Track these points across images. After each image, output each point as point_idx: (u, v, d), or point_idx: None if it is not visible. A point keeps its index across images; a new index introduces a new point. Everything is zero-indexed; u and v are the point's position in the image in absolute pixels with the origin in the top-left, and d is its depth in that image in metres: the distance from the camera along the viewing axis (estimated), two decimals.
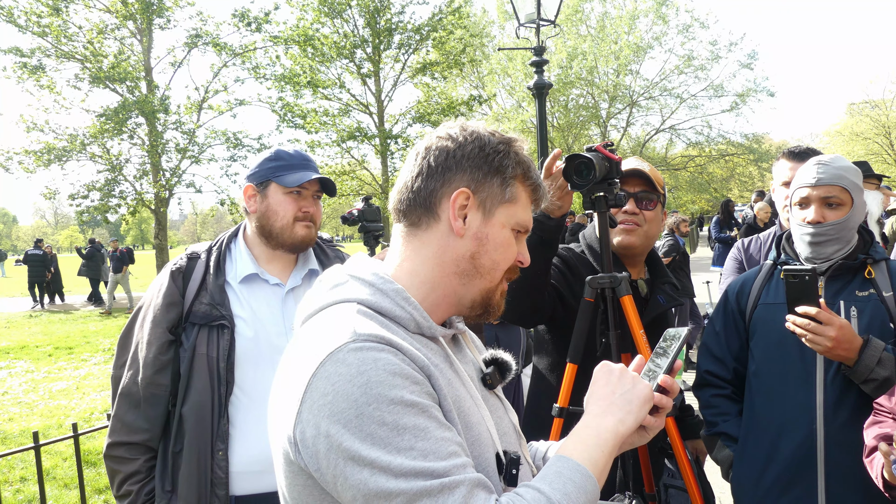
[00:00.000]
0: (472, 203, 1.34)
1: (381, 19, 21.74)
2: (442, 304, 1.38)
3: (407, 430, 1.09)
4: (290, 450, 1.17)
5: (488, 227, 1.35)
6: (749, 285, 2.67)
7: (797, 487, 2.41)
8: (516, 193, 1.38)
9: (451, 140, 1.35)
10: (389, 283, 1.31)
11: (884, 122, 44.87)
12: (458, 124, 1.39)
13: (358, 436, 1.08)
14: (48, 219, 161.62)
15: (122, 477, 2.35)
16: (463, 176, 1.33)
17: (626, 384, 1.37)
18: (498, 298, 1.43)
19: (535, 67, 10.14)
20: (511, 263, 1.41)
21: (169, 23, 20.94)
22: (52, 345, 14.17)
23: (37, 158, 20.12)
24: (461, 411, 1.25)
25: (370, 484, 1.07)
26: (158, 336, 2.35)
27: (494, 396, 1.47)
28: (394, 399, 1.10)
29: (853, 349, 2.23)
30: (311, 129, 22.07)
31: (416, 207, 1.35)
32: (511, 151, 1.38)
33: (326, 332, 1.21)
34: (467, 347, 1.51)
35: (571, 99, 37.09)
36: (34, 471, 4.79)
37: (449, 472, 1.09)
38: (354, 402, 1.09)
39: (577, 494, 1.17)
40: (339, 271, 1.38)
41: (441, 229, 1.34)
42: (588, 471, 1.22)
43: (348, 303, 1.28)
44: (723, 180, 42.47)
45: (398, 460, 1.07)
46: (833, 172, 2.41)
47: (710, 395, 2.73)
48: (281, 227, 2.42)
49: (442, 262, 1.35)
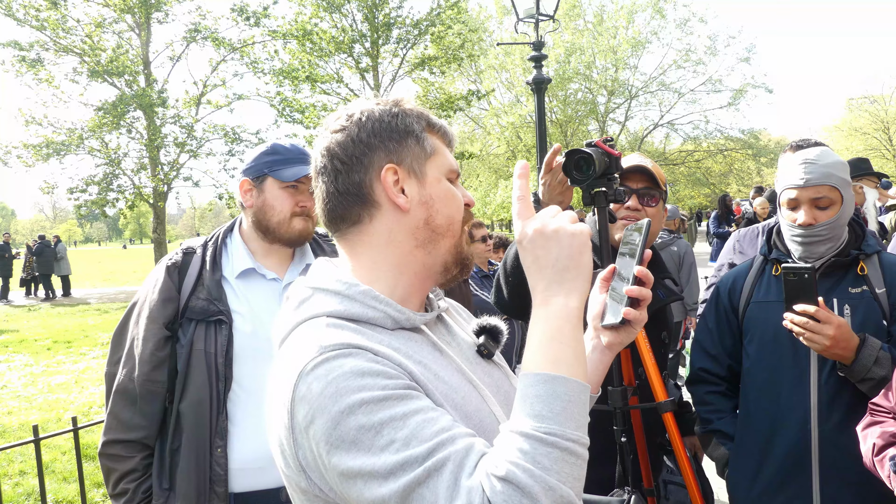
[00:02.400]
0: (402, 174, 1.29)
1: (379, 14, 21.67)
2: (415, 283, 1.33)
3: (384, 424, 1.04)
4: (301, 478, 1.15)
5: (428, 188, 1.31)
6: (741, 282, 2.65)
7: (792, 486, 2.41)
8: (434, 144, 1.34)
9: (346, 130, 1.30)
10: (355, 287, 1.25)
11: (882, 117, 44.87)
12: (340, 114, 1.35)
13: (342, 447, 1.05)
14: (47, 213, 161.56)
15: (119, 475, 2.33)
16: (379, 154, 1.29)
17: (553, 247, 1.18)
18: (467, 250, 1.38)
19: (534, 62, 10.13)
20: (463, 212, 1.37)
21: (167, 17, 20.91)
22: (51, 338, 14.20)
23: (35, 152, 20.10)
24: (455, 402, 1.20)
25: (366, 494, 1.04)
26: (155, 332, 2.33)
27: (493, 365, 1.43)
28: (365, 399, 1.06)
29: (850, 348, 2.23)
30: (309, 123, 22.04)
31: (351, 206, 1.30)
32: (405, 109, 1.33)
33: (295, 353, 1.17)
34: (455, 325, 1.46)
35: (570, 94, 37.07)
36: (34, 464, 4.80)
37: (433, 452, 1.02)
38: (330, 416, 1.06)
39: (547, 407, 1.04)
40: (302, 286, 1.33)
41: (386, 213, 1.30)
42: (549, 374, 1.08)
43: (317, 318, 1.23)
44: (721, 175, 42.49)
45: (382, 459, 1.03)
46: (821, 171, 2.36)
47: (705, 391, 2.73)
48: (278, 222, 2.41)
49: (399, 241, 1.30)
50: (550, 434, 1.02)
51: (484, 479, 1.00)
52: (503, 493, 0.97)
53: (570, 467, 1.02)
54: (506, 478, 0.98)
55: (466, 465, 1.02)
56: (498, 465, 1.00)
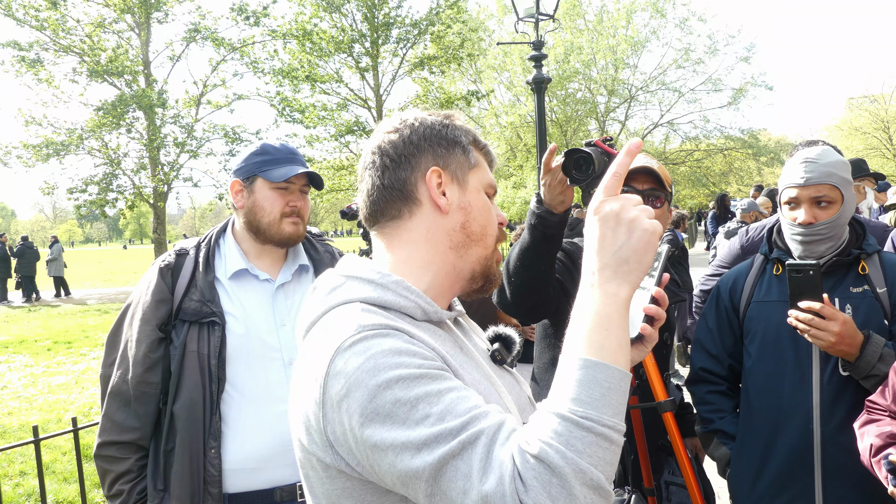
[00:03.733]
0: (445, 178, 1.37)
1: (379, 14, 21.67)
2: (444, 284, 1.38)
3: (420, 399, 1.08)
4: (328, 453, 1.16)
5: (468, 196, 1.39)
6: (742, 281, 2.65)
7: (794, 486, 2.40)
8: (477, 158, 1.43)
9: (399, 132, 1.39)
10: (388, 276, 1.30)
11: (882, 116, 44.85)
12: (395, 118, 1.43)
13: (376, 420, 1.08)
14: (47, 213, 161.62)
15: (114, 476, 2.33)
16: (427, 157, 1.37)
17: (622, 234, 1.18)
18: (496, 267, 1.44)
19: (534, 62, 10.13)
20: (496, 228, 1.44)
21: (167, 17, 20.89)
22: (51, 339, 14.20)
23: (35, 152, 20.08)
24: (479, 393, 1.22)
25: (399, 466, 1.07)
26: (148, 334, 2.33)
27: (506, 372, 1.47)
28: (402, 376, 1.09)
29: (855, 344, 2.22)
30: (309, 123, 22.03)
31: (394, 201, 1.37)
32: (454, 123, 1.43)
33: (331, 332, 1.20)
34: (470, 330, 1.52)
35: (570, 93, 37.08)
36: (34, 465, 4.80)
37: (467, 426, 1.05)
38: (367, 389, 1.09)
39: (587, 392, 1.05)
40: (333, 275, 1.37)
41: (425, 212, 1.36)
42: (591, 359, 1.08)
43: (350, 303, 1.27)
44: (721, 174, 42.51)
45: (416, 432, 1.06)
46: (822, 170, 2.36)
47: (706, 391, 2.73)
48: (268, 223, 2.41)
49: (434, 241, 1.36)
50: (587, 419, 1.03)
51: (517, 453, 1.02)
52: (534, 470, 0.99)
53: (604, 452, 1.03)
54: (538, 455, 1.00)
55: (499, 437, 1.05)
56: (531, 443, 1.02)
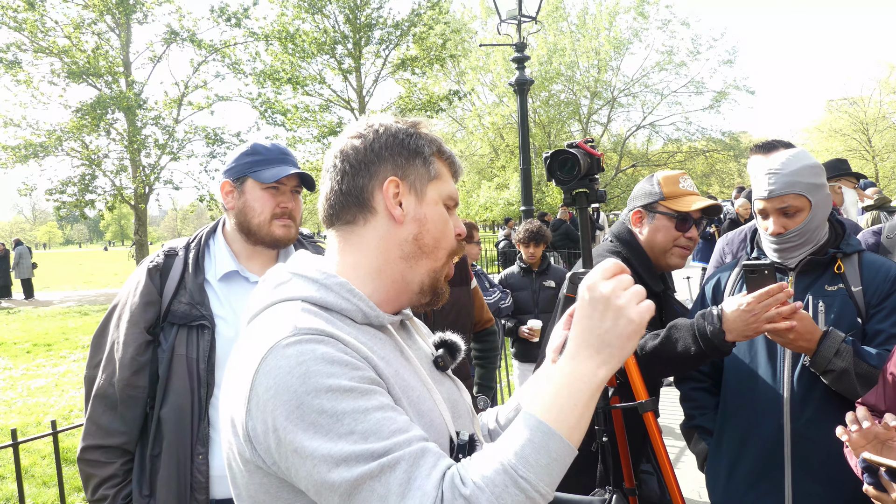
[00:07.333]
0: (403, 189, 1.38)
1: (360, 15, 21.66)
2: (391, 292, 1.39)
3: (346, 414, 1.10)
4: (246, 447, 1.18)
5: (424, 208, 1.39)
6: (723, 282, 2.71)
7: (765, 481, 2.46)
8: (438, 169, 1.43)
9: (363, 137, 1.40)
10: (333, 278, 1.32)
11: (862, 118, 45.31)
12: (362, 122, 1.44)
13: (300, 426, 1.10)
14: (26, 214, 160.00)
15: (98, 481, 2.29)
16: (386, 166, 1.37)
17: (608, 319, 1.22)
18: (444, 282, 1.45)
19: (517, 63, 10.16)
20: (453, 242, 1.45)
21: (147, 18, 20.73)
22: (31, 341, 14.04)
23: (14, 153, 19.86)
24: (411, 399, 1.27)
25: (315, 476, 1.09)
26: (136, 336, 2.28)
27: (448, 378, 1.50)
28: (332, 387, 1.11)
29: (813, 340, 2.27)
30: (291, 126, 21.97)
31: (350, 207, 1.38)
32: (420, 132, 1.43)
33: (268, 329, 1.22)
34: (416, 334, 1.54)
35: (552, 95, 37.22)
36: (12, 469, 4.74)
37: (390, 451, 1.08)
38: (294, 394, 1.11)
39: (535, 456, 1.11)
40: (281, 270, 1.39)
41: (380, 221, 1.38)
42: (549, 427, 1.14)
43: (292, 301, 1.29)
44: (703, 176, 42.80)
45: (338, 446, 1.08)
46: (784, 181, 2.38)
47: (690, 388, 2.81)
48: (259, 224, 2.37)
49: (385, 249, 1.38)
50: (525, 479, 1.09)
51: (447, 488, 1.08)
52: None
53: None
54: (469, 498, 1.07)
55: (422, 466, 1.09)
56: (466, 483, 1.08)
